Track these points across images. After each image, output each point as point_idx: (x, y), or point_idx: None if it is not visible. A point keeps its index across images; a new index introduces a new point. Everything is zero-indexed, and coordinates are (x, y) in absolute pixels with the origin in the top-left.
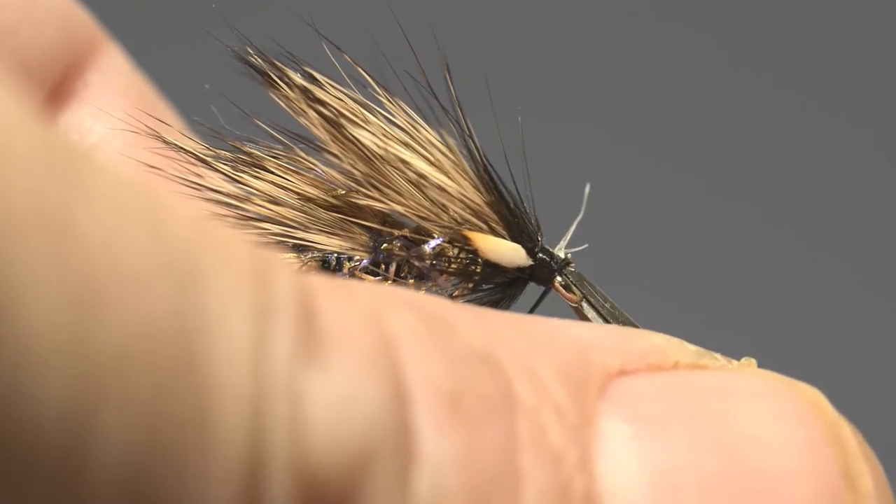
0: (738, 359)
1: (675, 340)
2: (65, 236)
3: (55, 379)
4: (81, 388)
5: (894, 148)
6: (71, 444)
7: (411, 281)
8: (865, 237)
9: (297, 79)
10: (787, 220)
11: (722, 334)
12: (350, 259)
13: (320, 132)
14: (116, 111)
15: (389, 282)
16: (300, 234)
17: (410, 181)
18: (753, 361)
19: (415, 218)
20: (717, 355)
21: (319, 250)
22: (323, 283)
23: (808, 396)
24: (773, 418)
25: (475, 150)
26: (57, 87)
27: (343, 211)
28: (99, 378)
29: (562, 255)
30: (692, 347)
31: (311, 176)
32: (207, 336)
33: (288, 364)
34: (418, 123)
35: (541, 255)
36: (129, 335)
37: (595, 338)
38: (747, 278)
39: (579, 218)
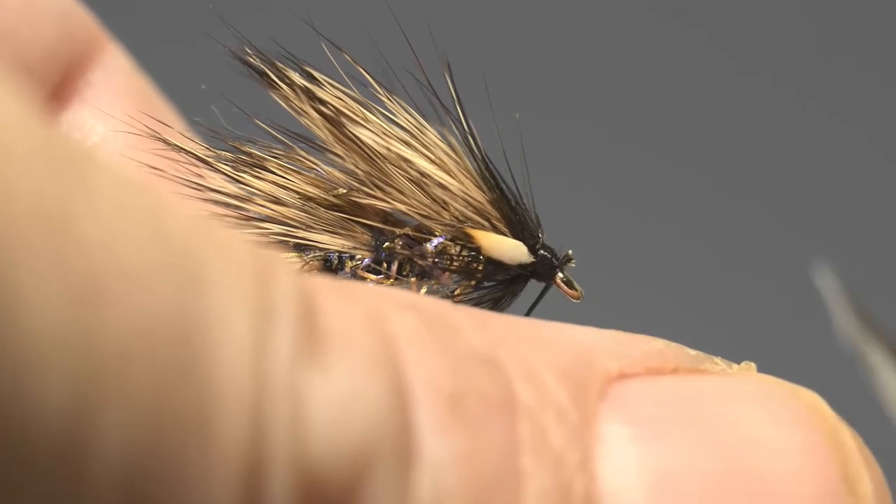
0: (738, 363)
1: (675, 345)
2: (66, 236)
3: (57, 377)
4: (83, 386)
5: (894, 148)
6: (72, 442)
7: (413, 279)
8: (865, 237)
9: (297, 78)
10: (787, 220)
11: (721, 335)
12: (352, 258)
13: (321, 131)
14: (117, 110)
15: (391, 280)
16: (302, 233)
17: (412, 179)
18: (753, 365)
19: (417, 216)
20: (717, 359)
21: (321, 249)
22: (324, 284)
23: (808, 400)
24: (772, 422)
25: (476, 148)
26: (58, 86)
27: (344, 210)
28: (100, 377)
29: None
30: (692, 352)
31: (313, 175)
32: (208, 335)
33: (289, 364)
34: (419, 122)
35: (542, 251)
36: (130, 334)
37: (595, 341)
38: (746, 279)
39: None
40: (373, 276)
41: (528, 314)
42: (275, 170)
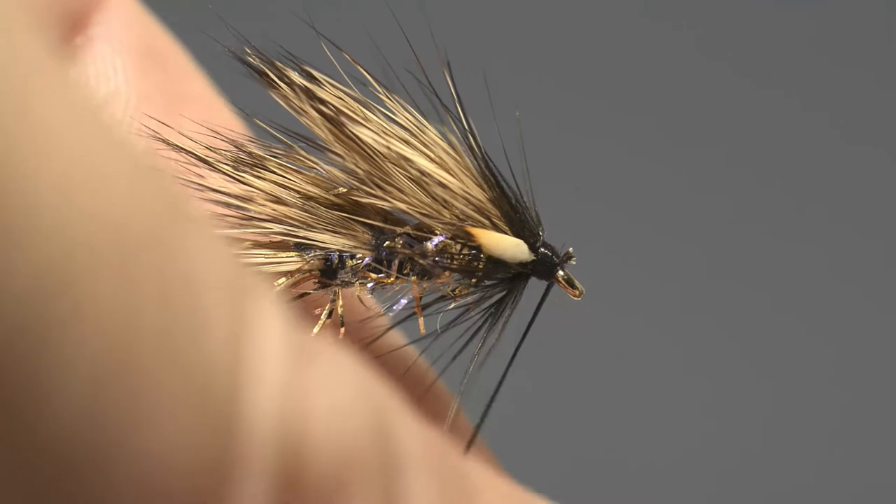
0: (736, 362)
1: None
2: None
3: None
4: (60, 259)
5: (894, 148)
6: (36, 321)
7: (414, 278)
8: (865, 238)
9: (297, 78)
10: (787, 220)
11: (721, 335)
12: (353, 257)
13: (321, 131)
14: (119, 70)
15: (392, 279)
16: (303, 232)
17: (412, 178)
18: None
19: (417, 215)
20: None
21: (322, 249)
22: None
23: None
24: None
25: (476, 146)
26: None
27: (345, 209)
28: (71, 263)
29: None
30: None
31: (313, 174)
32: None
33: (282, 351)
34: (419, 120)
35: (543, 249)
36: (99, 236)
37: None
38: (746, 278)
39: None
40: (374, 276)
41: (534, 314)
42: (275, 169)
